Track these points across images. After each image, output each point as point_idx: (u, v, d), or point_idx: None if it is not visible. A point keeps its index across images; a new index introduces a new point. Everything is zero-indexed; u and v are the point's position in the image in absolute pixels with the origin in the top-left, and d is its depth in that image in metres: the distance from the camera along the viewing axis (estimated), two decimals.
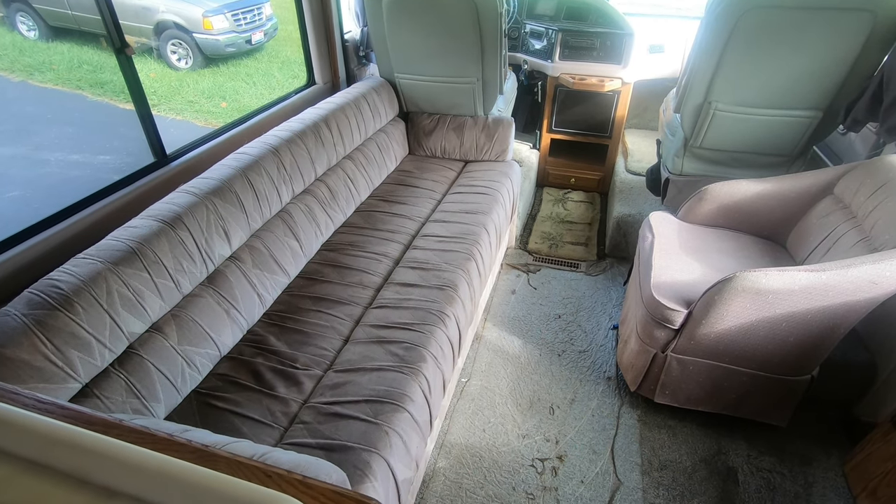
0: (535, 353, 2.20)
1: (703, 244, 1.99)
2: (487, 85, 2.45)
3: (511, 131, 2.55)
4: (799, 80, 1.98)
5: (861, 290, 1.44)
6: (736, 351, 1.65)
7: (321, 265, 1.83)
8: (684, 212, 2.15)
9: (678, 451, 1.81)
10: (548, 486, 1.70)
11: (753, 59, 1.97)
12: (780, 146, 2.16)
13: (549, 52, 3.08)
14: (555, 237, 2.99)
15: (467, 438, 1.85)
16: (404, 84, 2.56)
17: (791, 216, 1.96)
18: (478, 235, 1.98)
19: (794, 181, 1.96)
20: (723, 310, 1.56)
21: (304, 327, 1.55)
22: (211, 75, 6.41)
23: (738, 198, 2.02)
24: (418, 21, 2.28)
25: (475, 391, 2.02)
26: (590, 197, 3.39)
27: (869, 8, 1.76)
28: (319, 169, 2.00)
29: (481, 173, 2.45)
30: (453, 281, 1.72)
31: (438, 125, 2.60)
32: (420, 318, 1.55)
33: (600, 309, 2.45)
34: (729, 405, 1.81)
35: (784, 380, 1.69)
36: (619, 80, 2.96)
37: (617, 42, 2.92)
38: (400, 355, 1.42)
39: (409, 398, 1.31)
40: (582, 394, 2.02)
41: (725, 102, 2.11)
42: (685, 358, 1.74)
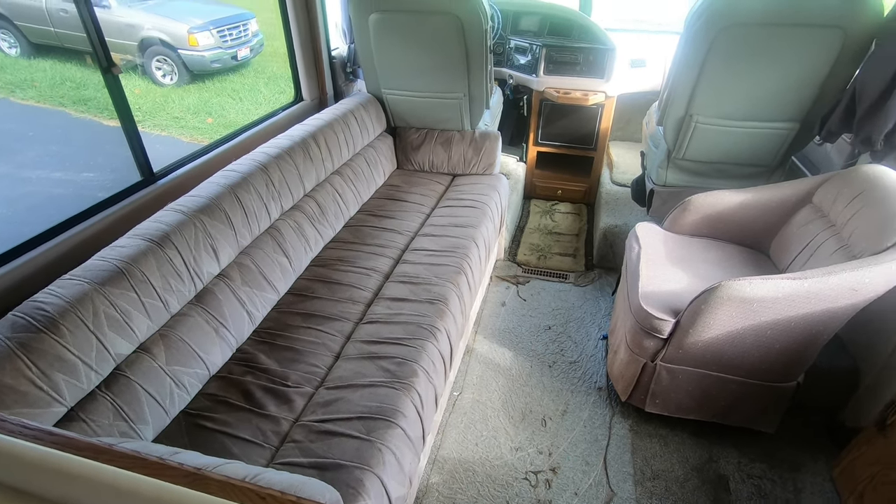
0: (527, 365, 2.21)
1: (688, 254, 2.02)
2: (474, 100, 2.49)
3: (498, 145, 2.58)
4: (776, 94, 2.04)
5: (842, 297, 1.47)
6: (724, 359, 1.67)
7: (311, 281, 1.83)
8: (669, 222, 2.18)
9: (670, 460, 1.82)
10: (542, 499, 1.70)
11: (732, 74, 2.03)
12: (759, 157, 2.22)
13: (533, 67, 3.14)
14: (543, 249, 3.01)
15: (460, 453, 1.84)
16: (391, 99, 2.59)
17: (773, 225, 2.00)
18: (467, 249, 1.99)
19: (774, 191, 2.01)
20: (709, 318, 1.58)
21: (295, 344, 1.54)
22: (196, 91, 6.40)
23: (721, 208, 2.07)
24: (405, 37, 2.32)
25: (467, 405, 2.02)
26: (577, 208, 3.43)
27: (839, 25, 1.83)
28: (308, 185, 2.00)
29: (469, 187, 2.47)
30: (444, 295, 1.73)
31: (426, 140, 2.62)
32: (411, 333, 1.55)
33: (589, 319, 2.47)
34: (719, 413, 1.83)
35: (771, 386, 1.72)
36: (603, 94, 3.02)
37: (599, 57, 2.99)
38: (391, 371, 1.42)
39: (401, 414, 1.30)
40: (573, 405, 2.03)
41: (706, 115, 2.16)
42: (674, 367, 1.76)
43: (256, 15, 6.92)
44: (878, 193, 1.60)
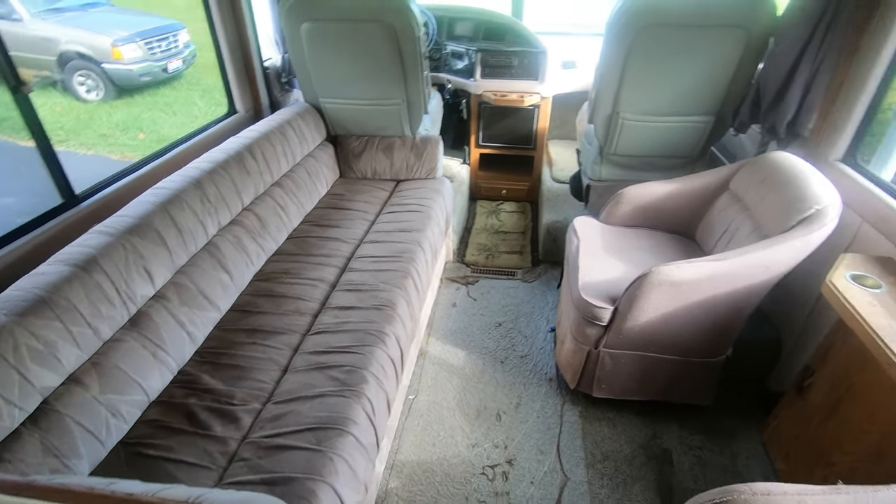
0: (479, 363, 2.25)
1: (623, 244, 2.13)
2: (412, 105, 2.51)
3: (439, 149, 2.62)
4: (692, 90, 2.18)
5: (757, 274, 1.60)
6: (659, 340, 1.78)
7: (254, 296, 1.79)
8: (605, 215, 2.29)
9: (618, 441, 1.91)
10: (499, 491, 1.74)
11: (652, 72, 2.16)
12: (682, 149, 2.37)
13: (470, 72, 3.20)
14: (491, 248, 3.08)
15: (418, 455, 1.85)
16: (330, 108, 2.57)
17: (697, 212, 2.15)
18: (413, 253, 2.01)
19: (696, 180, 2.15)
20: (643, 303, 1.67)
21: (240, 361, 1.51)
22: (125, 106, 6.10)
23: (651, 198, 2.19)
24: (338, 46, 2.31)
25: (423, 407, 2.04)
26: (521, 207, 3.52)
27: (742, 25, 1.98)
28: (246, 198, 1.96)
29: (413, 191, 2.50)
30: (391, 300, 1.74)
31: (367, 147, 2.62)
32: (359, 340, 1.55)
33: (538, 313, 2.54)
34: (659, 392, 1.94)
35: (703, 362, 1.84)
36: (538, 95, 3.12)
37: (533, 60, 3.09)
38: (341, 379, 1.41)
39: (352, 421, 1.30)
40: (526, 397, 2.09)
41: (632, 112, 2.28)
42: (616, 352, 1.85)
43: (187, 25, 6.67)
44: (782, 178, 1.75)
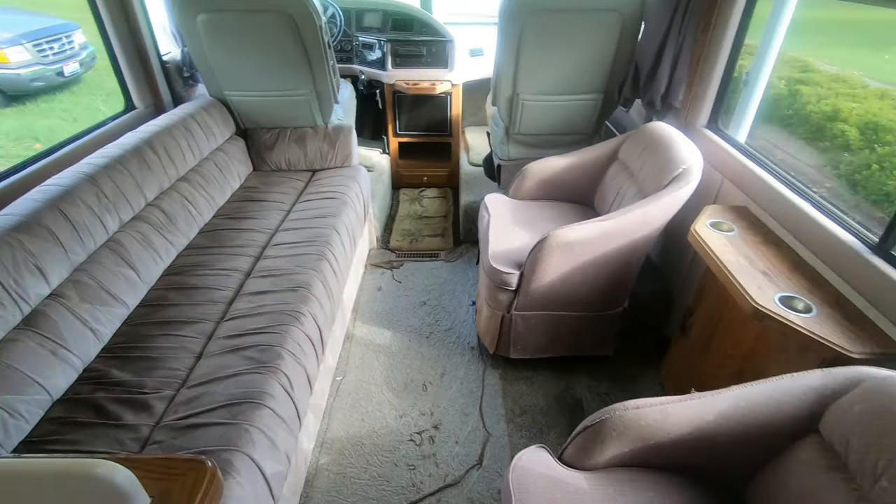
0: (405, 340, 2.33)
1: (529, 216, 2.28)
2: (321, 95, 2.54)
3: (352, 137, 2.67)
4: (580, 70, 2.37)
5: (639, 229, 1.79)
6: (562, 298, 1.94)
7: (165, 290, 1.77)
8: (513, 190, 2.44)
9: (535, 396, 2.06)
10: (426, 454, 1.83)
11: (543, 54, 2.32)
12: (578, 126, 2.56)
13: (382, 62, 3.26)
14: (414, 233, 3.16)
15: (347, 431, 1.91)
16: (236, 101, 2.54)
17: (592, 181, 2.34)
18: (329, 237, 2.05)
19: (590, 152, 2.34)
20: (545, 265, 1.82)
21: (151, 353, 1.50)
22: (16, 115, 5.61)
23: (552, 172, 2.36)
24: (238, 38, 2.29)
25: (351, 387, 2.09)
26: (442, 192, 3.63)
27: (616, 9, 2.18)
28: (149, 194, 1.92)
29: (329, 180, 2.53)
30: (306, 282, 1.78)
31: (279, 139, 2.62)
32: (274, 321, 1.58)
33: (460, 290, 2.66)
34: (568, 347, 2.11)
35: (603, 315, 2.02)
36: (449, 83, 3.24)
37: (441, 48, 3.20)
38: (256, 358, 1.44)
39: (268, 395, 1.34)
40: (450, 366, 2.19)
41: (530, 93, 2.44)
42: (526, 313, 1.99)
43: (82, 25, 6.21)
44: (658, 144, 1.96)
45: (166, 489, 0.65)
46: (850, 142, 3.93)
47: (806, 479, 1.03)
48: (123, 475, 0.58)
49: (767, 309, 1.27)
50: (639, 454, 1.20)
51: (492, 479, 1.75)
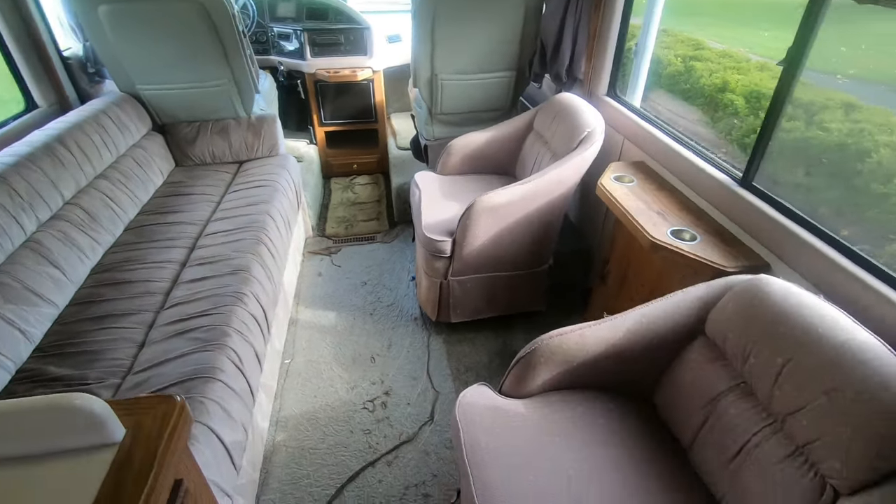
0: (350, 319, 2.40)
1: (457, 189, 2.42)
2: (241, 85, 2.52)
3: (276, 126, 2.67)
4: (492, 49, 2.53)
5: (555, 189, 1.97)
6: (493, 260, 2.09)
7: (96, 287, 1.72)
8: (440, 167, 2.56)
9: (478, 354, 2.21)
10: (380, 418, 1.93)
11: (457, 36, 2.45)
12: (495, 102, 2.73)
13: (301, 52, 3.26)
14: (349, 219, 3.21)
15: (301, 408, 1.96)
16: (150, 96, 2.46)
17: (512, 152, 2.51)
18: (263, 222, 2.07)
19: (508, 126, 2.51)
20: (474, 229, 1.96)
21: (90, 347, 1.48)
22: None
23: (474, 146, 2.51)
24: (147, 29, 2.23)
25: (300, 367, 2.14)
26: (374, 178, 3.70)
27: None
28: (67, 192, 1.85)
29: (257, 170, 2.52)
30: (245, 265, 1.80)
31: (200, 132, 2.57)
32: (217, 303, 1.61)
33: (399, 267, 2.76)
34: (504, 306, 2.27)
35: (531, 273, 2.20)
36: (369, 69, 3.30)
37: (359, 36, 3.25)
38: (202, 338, 1.47)
39: (218, 370, 1.38)
40: (396, 338, 2.29)
41: (447, 73, 2.57)
42: (462, 278, 2.13)
43: None
44: (566, 112, 2.15)
45: (138, 422, 0.70)
46: (739, 110, 4.42)
47: (697, 372, 1.24)
48: (100, 405, 0.63)
49: (662, 241, 1.48)
50: (566, 376, 1.36)
51: (444, 431, 1.88)
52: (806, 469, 0.96)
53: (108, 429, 0.65)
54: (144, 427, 0.69)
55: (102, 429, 0.64)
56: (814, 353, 0.99)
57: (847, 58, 4.03)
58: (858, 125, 3.22)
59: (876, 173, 2.79)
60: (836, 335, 0.99)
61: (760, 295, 1.14)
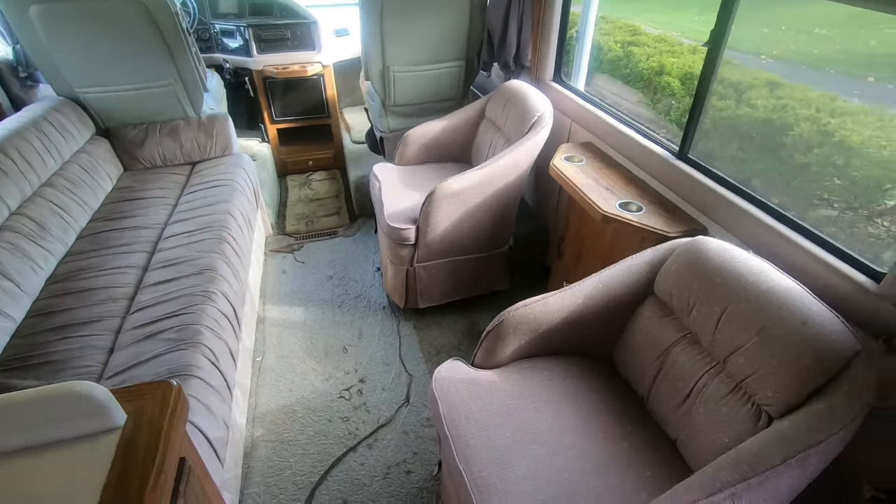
0: (319, 313, 2.42)
1: (417, 178, 2.48)
2: (189, 84, 2.47)
3: (228, 125, 2.63)
4: (442, 40, 2.59)
5: (510, 172, 2.06)
6: (456, 244, 2.17)
7: (54, 298, 1.68)
8: (397, 158, 2.61)
9: (447, 336, 2.29)
10: (357, 405, 1.98)
11: (405, 28, 2.49)
12: (447, 92, 2.79)
13: (246, 49, 3.20)
14: (309, 216, 3.21)
15: (277, 403, 1.98)
16: (92, 99, 2.37)
17: (467, 140, 2.59)
18: (224, 221, 2.06)
19: (461, 114, 2.58)
20: (436, 215, 2.03)
21: (55, 356, 1.45)
22: None
23: (430, 136, 2.57)
24: (84, 30, 2.15)
25: (272, 364, 2.15)
26: (331, 174, 3.69)
27: None
28: (12, 202, 1.78)
29: (212, 170, 2.49)
30: (210, 264, 1.80)
31: (149, 134, 2.50)
32: (186, 303, 1.60)
33: (364, 259, 2.79)
34: (470, 288, 2.36)
35: (493, 254, 2.29)
36: (319, 64, 3.28)
37: (305, 30, 3.22)
38: (174, 338, 1.47)
39: (194, 367, 1.39)
40: (366, 327, 2.34)
41: (399, 65, 2.61)
42: (427, 264, 2.19)
43: None
44: (515, 99, 2.24)
45: (139, 407, 0.72)
46: (675, 91, 4.67)
47: (649, 328, 1.36)
48: (100, 391, 0.66)
49: (612, 214, 1.60)
50: (533, 344, 1.46)
51: (420, 411, 1.95)
52: (745, 401, 1.09)
53: (110, 414, 0.67)
54: (146, 411, 0.71)
55: (105, 414, 0.66)
56: (746, 300, 1.12)
57: (770, 39, 4.35)
58: (781, 101, 3.49)
59: (798, 145, 3.05)
60: (764, 283, 1.13)
61: (699, 254, 1.27)
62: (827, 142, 2.95)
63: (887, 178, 2.61)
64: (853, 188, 2.68)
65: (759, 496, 0.88)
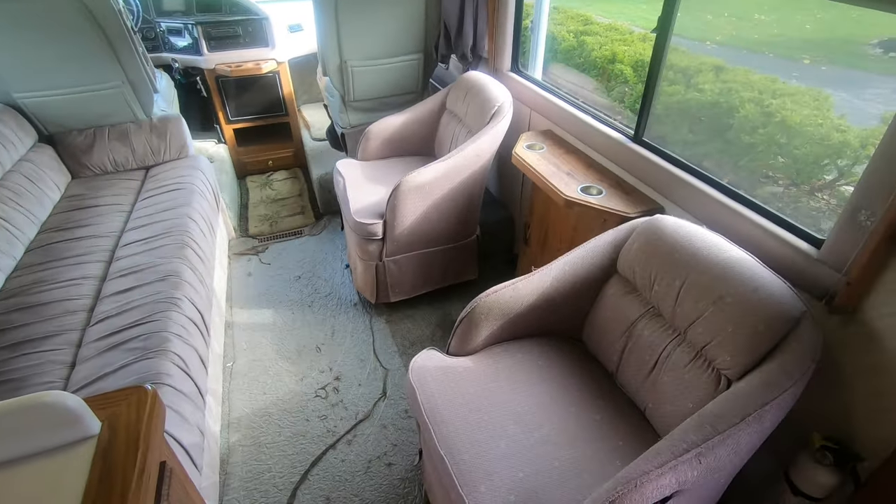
0: (289, 314, 2.39)
1: (381, 173, 2.47)
2: (137, 85, 2.37)
3: (182, 126, 2.55)
4: (398, 33, 2.58)
5: (474, 163, 2.09)
6: (424, 236, 2.18)
7: (5, 314, 1.59)
8: (360, 154, 2.59)
9: (420, 328, 2.31)
10: (334, 402, 1.97)
11: (361, 22, 2.47)
12: (407, 85, 2.79)
13: (196, 47, 3.10)
14: (272, 216, 3.15)
15: (251, 407, 1.95)
16: (31, 104, 2.25)
17: (429, 133, 2.60)
18: (185, 225, 2.00)
19: (422, 107, 2.59)
20: (403, 209, 2.04)
21: (14, 375, 1.38)
22: None
23: (392, 130, 2.56)
24: (18, 30, 2.03)
25: (244, 368, 2.11)
26: (292, 172, 3.63)
27: None
28: None
29: (168, 173, 2.41)
30: (174, 270, 1.75)
31: (97, 139, 2.39)
32: (150, 311, 1.56)
33: (332, 257, 2.77)
34: (439, 279, 2.38)
35: (462, 244, 2.32)
36: (273, 61, 3.21)
37: (257, 27, 3.14)
38: (140, 346, 1.43)
39: (164, 374, 1.35)
40: (338, 325, 2.33)
41: (357, 59, 2.58)
42: (396, 258, 2.20)
43: None
44: (475, 90, 2.27)
45: (113, 413, 0.70)
46: (628, 78, 4.81)
47: (614, 306, 1.42)
48: (73, 400, 0.64)
49: (574, 198, 1.65)
50: (505, 329, 1.50)
51: (398, 403, 1.96)
52: (706, 367, 1.16)
53: (84, 422, 0.65)
54: (121, 416, 0.69)
55: (78, 423, 0.65)
56: (702, 272, 1.19)
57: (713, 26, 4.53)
58: (727, 85, 3.65)
59: (744, 126, 3.21)
60: (718, 255, 1.19)
61: (658, 231, 1.33)
62: (770, 122, 3.12)
63: (825, 154, 2.78)
64: (795, 165, 2.84)
65: (722, 453, 0.94)
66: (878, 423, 1.08)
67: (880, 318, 1.04)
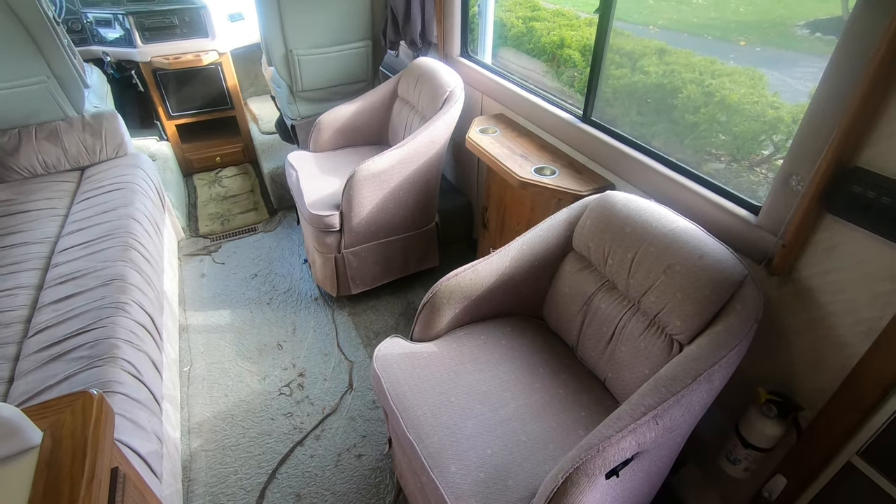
0: (247, 313, 2.32)
1: (334, 163, 2.42)
2: (64, 80, 2.22)
3: (118, 123, 2.40)
4: (345, 20, 2.52)
5: (428, 149, 2.08)
6: (382, 226, 2.16)
7: None
8: (312, 145, 2.53)
9: (383, 318, 2.29)
10: (299, 399, 1.94)
11: (305, 9, 2.40)
12: (356, 74, 2.73)
13: (129, 39, 2.93)
14: (223, 214, 3.03)
15: (212, 410, 1.89)
16: None
17: (382, 121, 2.57)
18: (128, 227, 1.90)
19: (373, 95, 2.55)
20: (359, 198, 2.01)
21: None
22: None
23: (343, 120, 2.51)
24: None
25: (202, 372, 2.04)
26: (242, 168, 3.50)
27: None
28: None
29: (106, 173, 2.27)
30: (118, 273, 1.66)
31: (23, 140, 2.23)
32: (95, 317, 1.47)
33: (289, 253, 2.70)
34: (400, 269, 2.37)
35: (421, 232, 2.31)
36: (215, 52, 3.08)
37: (195, 16, 2.99)
38: (86, 355, 1.35)
39: (115, 382, 1.29)
40: (300, 321, 2.28)
41: (303, 48, 2.51)
42: (355, 249, 2.17)
43: None
44: (426, 76, 2.25)
45: (57, 421, 0.66)
46: (576, 62, 4.90)
47: (571, 282, 1.45)
48: (9, 410, 0.59)
49: (528, 179, 1.67)
50: (468, 312, 1.51)
51: (364, 395, 1.95)
52: (659, 334, 1.21)
53: (23, 433, 0.61)
54: (65, 424, 0.65)
55: (17, 435, 0.60)
56: (652, 244, 1.23)
57: (655, 10, 4.67)
58: (669, 67, 3.78)
59: (687, 106, 3.34)
60: (666, 226, 1.24)
61: (609, 207, 1.37)
62: (710, 101, 3.25)
63: (761, 130, 2.94)
64: (735, 142, 2.99)
65: (677, 413, 0.98)
66: (815, 374, 1.16)
67: (813, 276, 1.11)
